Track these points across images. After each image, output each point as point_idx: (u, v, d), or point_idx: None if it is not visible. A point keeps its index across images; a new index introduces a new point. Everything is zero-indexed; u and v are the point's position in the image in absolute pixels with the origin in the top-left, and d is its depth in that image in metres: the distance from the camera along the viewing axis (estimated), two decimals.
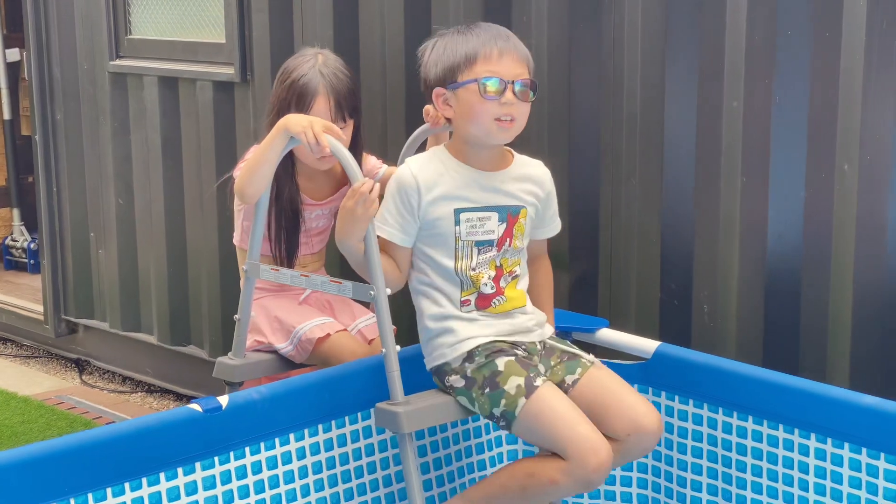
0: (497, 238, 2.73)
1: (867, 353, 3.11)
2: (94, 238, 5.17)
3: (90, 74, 5.03)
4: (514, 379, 2.62)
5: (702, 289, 3.40)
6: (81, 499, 2.32)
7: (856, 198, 3.08)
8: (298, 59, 3.06)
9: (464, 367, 2.67)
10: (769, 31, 3.17)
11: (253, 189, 2.78)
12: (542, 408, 2.60)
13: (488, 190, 2.75)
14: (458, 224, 2.69)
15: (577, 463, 2.55)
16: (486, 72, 2.69)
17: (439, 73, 2.74)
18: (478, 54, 2.71)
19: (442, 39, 2.79)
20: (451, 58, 2.73)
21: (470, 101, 2.69)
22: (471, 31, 2.76)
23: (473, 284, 2.71)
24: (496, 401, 2.62)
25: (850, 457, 2.62)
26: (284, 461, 2.61)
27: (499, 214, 2.74)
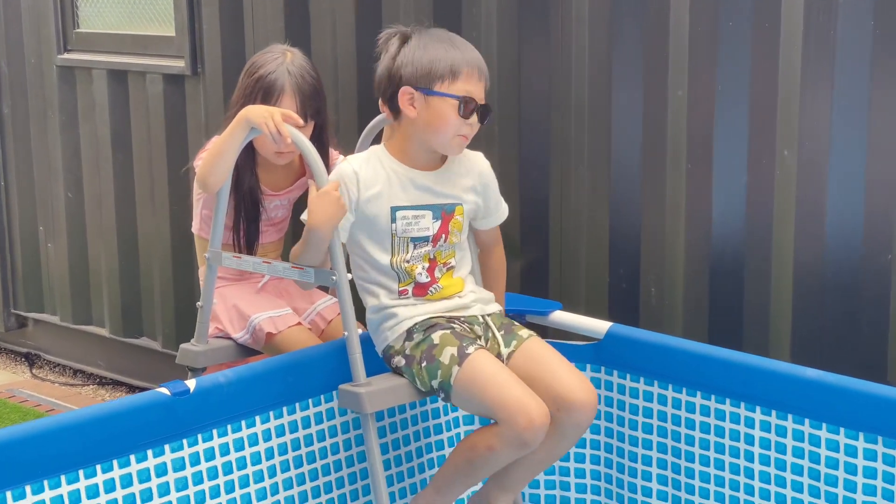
0: (432, 235, 2.82)
1: (807, 331, 3.24)
2: (44, 232, 5.18)
3: (37, 68, 5.03)
4: (448, 349, 2.71)
5: (649, 272, 3.50)
6: (54, 481, 2.36)
7: (795, 183, 3.20)
8: (267, 55, 3.10)
9: (404, 346, 2.76)
10: (711, 23, 3.28)
11: (214, 178, 2.84)
12: (475, 374, 2.67)
13: (424, 189, 2.83)
14: (395, 221, 2.78)
15: (508, 424, 2.62)
16: (465, 91, 2.78)
17: (414, 73, 2.78)
18: (461, 71, 2.78)
19: (419, 39, 2.82)
20: (433, 64, 2.77)
21: (443, 112, 2.77)
22: (451, 41, 2.82)
23: (409, 276, 2.80)
24: (433, 373, 2.71)
25: (794, 427, 2.74)
26: (251, 443, 2.68)
27: (433, 213, 2.82)
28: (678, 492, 2.96)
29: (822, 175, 3.16)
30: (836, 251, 3.17)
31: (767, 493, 2.80)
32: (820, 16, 3.10)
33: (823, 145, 3.14)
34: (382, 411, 2.94)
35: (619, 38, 3.45)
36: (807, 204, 3.20)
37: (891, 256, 3.09)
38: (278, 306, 3.13)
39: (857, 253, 3.15)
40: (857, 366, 3.13)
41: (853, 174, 3.12)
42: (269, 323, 3.06)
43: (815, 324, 3.23)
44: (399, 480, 3.00)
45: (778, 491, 2.79)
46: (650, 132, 3.45)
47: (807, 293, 3.23)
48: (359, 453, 2.87)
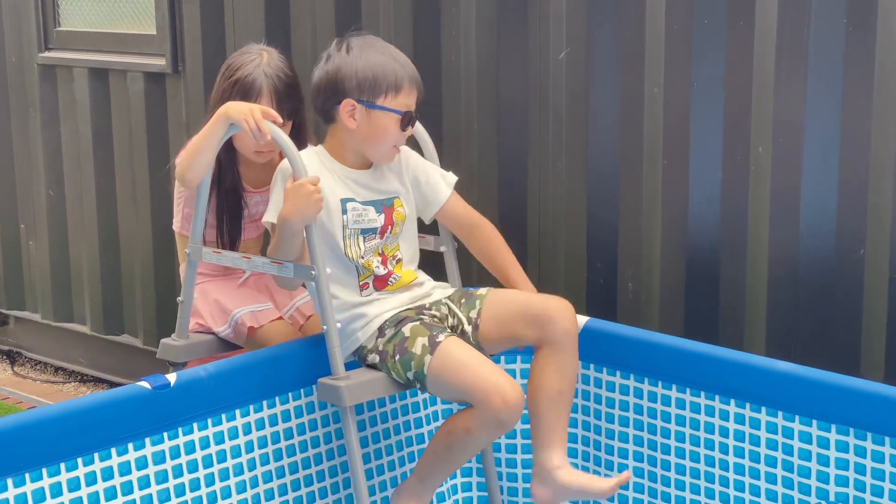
0: (380, 226, 2.87)
1: (781, 324, 3.28)
2: (25, 230, 5.19)
3: (18, 66, 5.04)
4: (419, 340, 2.75)
5: (626, 267, 3.54)
6: (36, 473, 2.39)
7: (769, 178, 3.24)
8: (243, 56, 3.12)
9: (377, 344, 2.80)
10: (687, 20, 3.32)
11: (193, 174, 2.87)
12: (447, 361, 2.71)
13: (363, 186, 2.88)
14: (345, 213, 2.82)
15: (484, 406, 2.65)
16: (405, 105, 2.84)
17: (358, 86, 2.81)
18: (403, 86, 2.83)
19: (360, 51, 2.85)
20: (376, 78, 2.81)
21: (385, 126, 2.82)
22: (391, 53, 2.86)
23: (367, 269, 2.84)
24: (407, 365, 2.74)
25: (768, 420, 2.78)
26: (231, 436, 2.70)
27: (375, 208, 2.88)
28: (655, 484, 3.00)
29: (795, 171, 3.20)
30: (809, 246, 3.21)
31: (742, 484, 2.84)
32: (793, 13, 3.14)
33: (797, 141, 3.19)
34: (362, 405, 2.97)
35: (596, 36, 3.48)
36: (781, 199, 3.24)
37: (863, 251, 3.13)
38: (259, 301, 3.15)
39: (830, 248, 3.19)
40: (831, 359, 3.17)
41: (826, 170, 3.16)
42: (250, 317, 3.08)
43: (789, 317, 3.27)
44: (379, 473, 3.03)
45: (752, 483, 2.83)
46: (627, 129, 3.48)
47: (781, 287, 3.27)
48: (339, 447, 2.90)
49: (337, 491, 2.91)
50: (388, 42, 3.76)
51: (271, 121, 2.75)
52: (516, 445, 3.19)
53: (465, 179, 3.77)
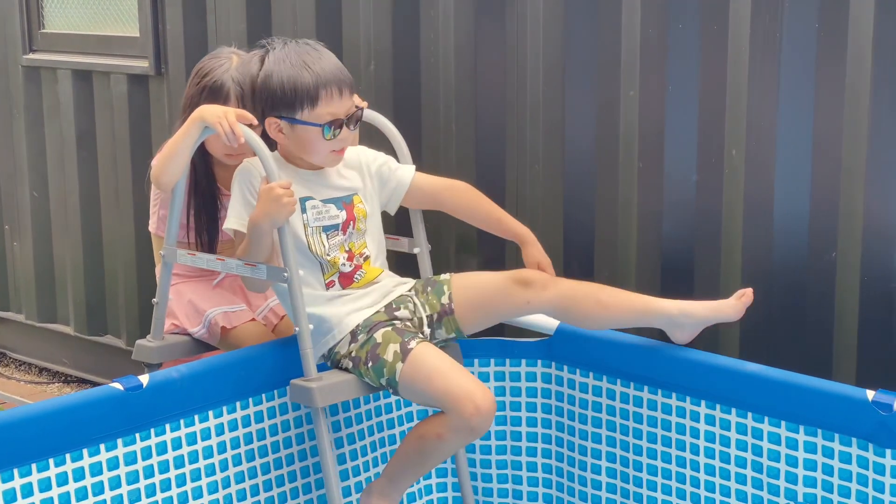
0: (342, 222, 2.87)
1: (755, 327, 3.30)
2: (9, 230, 5.20)
3: (3, 68, 5.06)
4: (392, 346, 2.76)
5: (602, 268, 3.56)
6: (6, 474, 2.40)
7: (743, 180, 3.27)
8: (213, 60, 3.13)
9: (350, 349, 2.81)
10: (662, 25, 3.34)
11: (168, 177, 2.88)
12: (419, 367, 2.72)
13: (321, 185, 2.87)
14: (305, 212, 2.82)
15: (455, 413, 2.67)
16: (327, 115, 2.77)
17: (274, 103, 2.77)
18: (319, 96, 2.75)
19: (273, 65, 2.77)
20: (289, 92, 2.75)
21: (309, 139, 2.79)
22: (304, 61, 2.77)
23: (333, 266, 2.84)
24: (380, 371, 2.76)
25: (737, 421, 2.80)
26: (204, 437, 2.72)
27: (335, 205, 2.87)
28: (626, 484, 3.02)
29: (768, 174, 3.23)
30: (782, 248, 3.24)
31: (712, 485, 2.87)
32: (766, 18, 3.16)
33: (769, 143, 3.21)
34: (336, 407, 2.99)
35: (572, 40, 3.51)
36: (754, 202, 3.26)
37: (835, 253, 3.15)
38: (233, 302, 3.17)
39: (803, 250, 3.21)
40: (804, 361, 3.19)
41: (798, 173, 3.18)
42: (223, 318, 3.10)
43: (763, 320, 3.29)
44: (355, 474, 3.05)
45: (722, 483, 2.85)
46: (603, 132, 3.50)
47: (754, 289, 3.28)
48: (312, 447, 2.92)
49: (309, 491, 2.93)
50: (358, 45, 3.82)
51: (246, 123, 2.76)
52: (490, 447, 3.21)
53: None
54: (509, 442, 3.19)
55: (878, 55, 3.01)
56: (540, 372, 3.14)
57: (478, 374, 3.15)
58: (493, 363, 3.16)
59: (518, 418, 3.18)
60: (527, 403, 3.17)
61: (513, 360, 3.15)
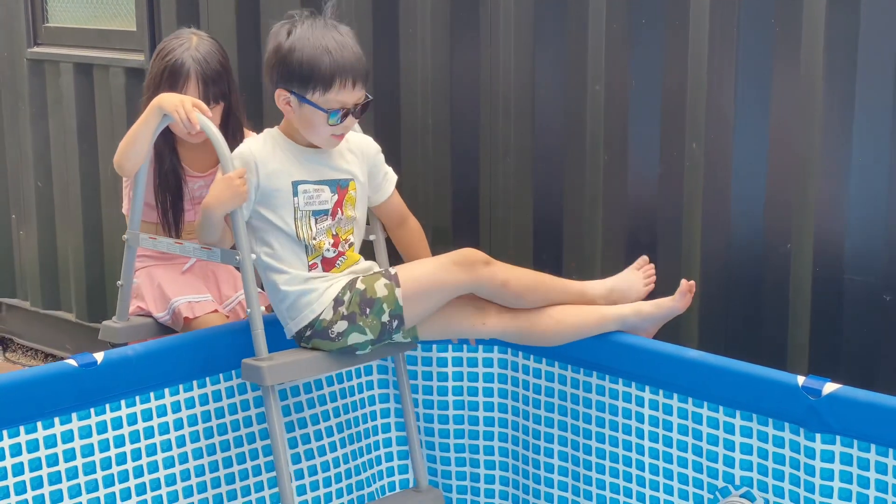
0: (331, 208, 2.94)
1: (714, 317, 3.37)
2: (16, 219, 5.35)
3: (9, 61, 5.21)
4: (377, 283, 2.88)
5: (570, 258, 3.64)
6: None
7: (702, 173, 3.34)
8: (174, 40, 3.22)
9: (339, 311, 2.88)
10: (626, 21, 3.42)
11: (130, 163, 2.99)
12: (411, 281, 2.89)
13: (319, 165, 2.95)
14: (297, 195, 2.89)
15: (474, 276, 2.92)
16: (336, 102, 2.84)
17: (290, 77, 2.84)
18: (334, 83, 2.82)
19: (299, 39, 2.84)
20: (306, 72, 2.82)
21: (313, 120, 2.87)
22: (327, 45, 2.83)
23: (317, 250, 2.92)
24: (380, 311, 2.87)
25: (679, 406, 2.87)
26: (159, 414, 2.82)
27: (329, 187, 2.95)
28: (577, 467, 3.10)
29: (726, 167, 3.29)
30: (740, 240, 3.30)
31: (656, 468, 2.94)
32: (723, 14, 3.23)
33: (727, 137, 3.28)
34: (297, 388, 3.09)
35: (542, 37, 3.59)
36: (713, 195, 3.33)
37: (790, 245, 3.21)
38: (200, 291, 3.26)
39: (759, 243, 3.28)
40: (761, 351, 3.26)
41: (755, 166, 3.25)
42: (187, 308, 3.19)
43: (721, 310, 3.36)
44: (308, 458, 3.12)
45: (665, 466, 2.92)
46: (570, 125, 3.58)
47: (713, 281, 3.36)
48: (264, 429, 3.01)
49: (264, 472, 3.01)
50: None
51: (201, 112, 2.86)
52: (448, 430, 3.29)
53: (421, 172, 3.90)
54: (467, 426, 3.28)
55: (830, 50, 3.07)
56: (496, 358, 3.22)
57: (436, 360, 3.24)
58: (451, 349, 3.24)
59: (475, 403, 3.26)
60: (484, 388, 3.25)
61: (470, 346, 3.23)
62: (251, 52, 4.29)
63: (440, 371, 3.23)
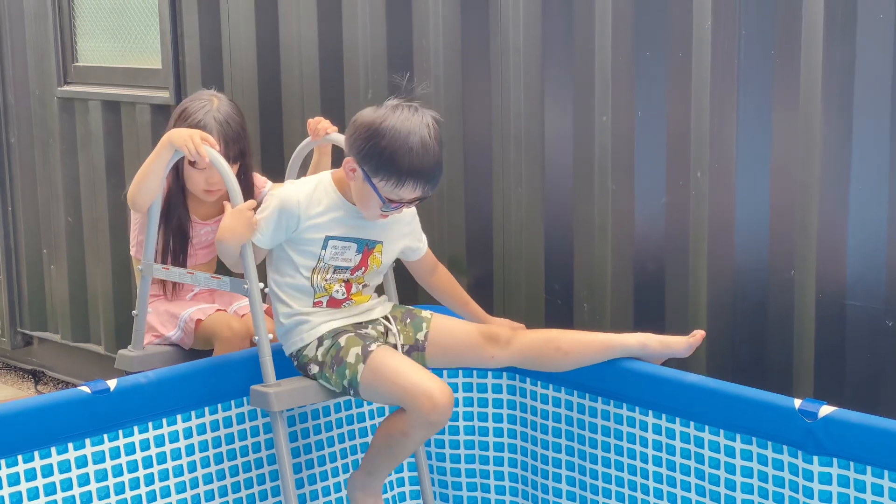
0: (352, 266, 3.01)
1: (721, 344, 3.41)
2: (47, 254, 5.47)
3: (41, 99, 5.34)
4: (353, 350, 2.92)
5: (581, 287, 3.70)
6: None
7: (707, 201, 3.39)
8: (195, 102, 3.35)
9: (317, 354, 2.96)
10: (630, 53, 3.48)
11: (142, 199, 3.10)
12: (378, 368, 2.88)
13: (357, 223, 2.99)
14: (325, 248, 2.96)
15: (415, 410, 2.82)
16: (398, 197, 2.87)
17: (368, 156, 2.85)
18: (404, 183, 2.84)
19: (397, 123, 2.84)
20: (384, 160, 2.83)
21: (369, 198, 2.90)
22: (412, 147, 2.82)
23: (325, 291, 3.00)
24: (342, 374, 2.92)
25: (681, 430, 2.92)
26: (171, 439, 2.91)
27: (357, 245, 3.01)
28: (584, 492, 3.15)
29: (729, 195, 3.34)
30: (744, 268, 3.35)
31: (660, 492, 2.98)
32: (725, 47, 3.29)
33: (730, 166, 3.33)
34: (305, 415, 3.16)
35: (550, 70, 3.66)
36: (718, 223, 3.38)
37: (793, 272, 3.26)
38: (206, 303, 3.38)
39: (763, 269, 3.32)
40: (766, 377, 3.30)
41: (757, 194, 3.29)
42: (197, 312, 3.31)
43: (728, 337, 3.40)
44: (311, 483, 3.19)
45: (669, 490, 2.96)
46: (579, 156, 3.65)
47: (720, 308, 3.41)
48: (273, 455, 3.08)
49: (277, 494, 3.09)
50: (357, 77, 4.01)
51: (209, 146, 2.96)
52: (459, 456, 3.35)
53: (436, 205, 3.97)
54: (477, 451, 3.34)
55: (828, 82, 3.12)
56: (505, 384, 3.28)
57: None
58: (462, 374, 3.30)
59: (485, 429, 3.32)
60: (493, 414, 3.31)
61: (480, 372, 3.29)
62: (272, 91, 4.39)
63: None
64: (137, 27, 4.94)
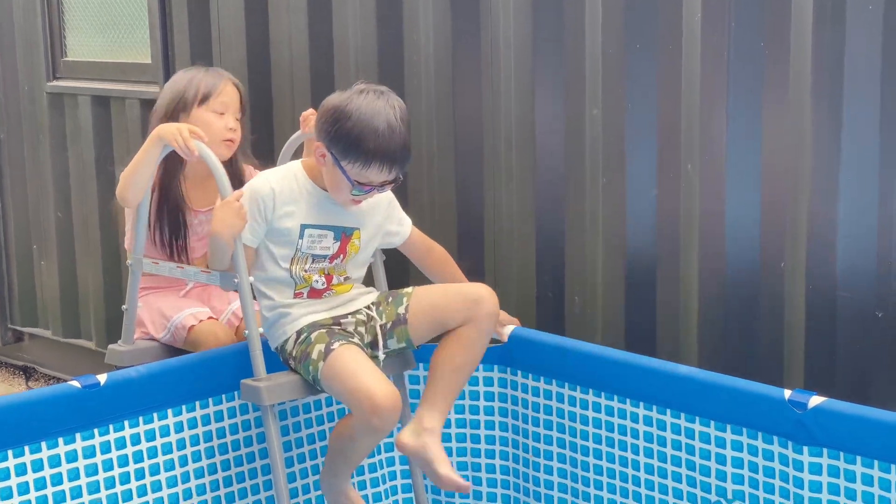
0: (331, 254, 3.00)
1: (712, 335, 3.41)
2: (37, 250, 5.46)
3: (30, 95, 5.33)
4: (318, 346, 2.91)
5: (573, 282, 3.69)
6: None
7: (698, 194, 3.39)
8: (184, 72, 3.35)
9: (294, 348, 2.96)
10: (621, 46, 3.48)
11: (132, 194, 3.09)
12: (334, 367, 2.86)
13: (332, 210, 2.99)
14: (302, 238, 2.95)
15: (358, 411, 2.81)
16: (367, 180, 2.86)
17: (336, 139, 2.85)
18: (371, 164, 2.83)
19: (361, 107, 2.83)
20: (350, 143, 2.82)
21: (339, 182, 2.89)
22: (377, 127, 2.82)
23: (306, 282, 3.00)
24: (307, 369, 2.92)
25: (672, 422, 2.92)
26: (162, 434, 2.90)
27: (334, 233, 3.00)
28: (576, 484, 3.15)
29: (720, 187, 3.34)
30: (735, 260, 3.35)
31: (652, 483, 2.99)
32: (714, 38, 3.29)
33: (720, 158, 3.33)
34: (297, 408, 3.16)
35: (540, 64, 3.66)
36: (709, 216, 3.38)
37: (784, 264, 3.26)
38: (196, 306, 3.36)
39: (754, 262, 3.32)
40: (758, 367, 3.30)
41: (748, 186, 3.29)
42: (189, 318, 3.29)
43: (719, 328, 3.40)
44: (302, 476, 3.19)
45: (661, 482, 2.97)
46: (570, 149, 3.65)
47: (711, 300, 3.41)
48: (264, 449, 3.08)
49: (269, 489, 3.08)
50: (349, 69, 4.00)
51: (197, 139, 2.96)
52: (451, 449, 3.35)
53: (427, 201, 3.97)
54: (469, 444, 3.34)
55: (817, 72, 3.12)
56: (496, 377, 3.28)
57: None
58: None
59: (476, 421, 3.32)
60: (484, 407, 3.31)
61: None
62: (262, 85, 4.39)
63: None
64: (127, 22, 4.92)
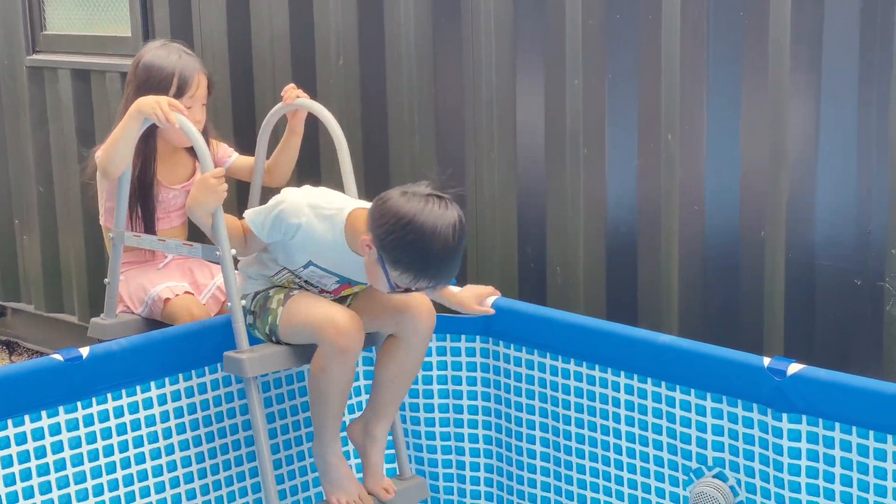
0: (328, 289, 3.00)
1: (692, 304, 3.43)
2: (19, 225, 5.45)
3: (10, 69, 5.30)
4: (277, 297, 2.93)
5: (554, 252, 3.71)
6: None
7: (679, 163, 3.40)
8: (160, 50, 3.33)
9: (253, 304, 2.96)
10: (601, 16, 3.48)
11: (114, 166, 3.09)
12: (293, 309, 2.89)
13: (346, 265, 2.93)
14: (306, 268, 2.94)
15: (322, 339, 2.83)
16: (404, 286, 2.77)
17: (384, 244, 2.73)
18: (419, 282, 2.74)
19: (420, 229, 2.69)
20: (402, 257, 2.72)
21: (377, 278, 2.80)
22: (435, 249, 2.71)
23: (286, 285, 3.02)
24: (266, 320, 2.93)
25: (652, 390, 2.94)
26: (145, 406, 2.90)
27: (339, 279, 2.98)
28: (557, 452, 3.17)
29: (700, 157, 3.36)
30: (715, 229, 3.37)
31: (633, 451, 3.01)
32: (694, 9, 3.29)
33: (700, 128, 3.34)
34: (280, 380, 3.17)
35: (521, 34, 3.66)
36: (688, 185, 3.39)
37: (764, 233, 3.28)
38: (176, 280, 3.37)
39: (734, 231, 3.34)
40: (738, 335, 3.32)
41: (728, 156, 3.31)
42: (165, 290, 3.30)
43: (699, 297, 3.43)
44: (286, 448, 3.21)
45: (641, 449, 2.99)
46: (551, 119, 3.65)
47: (691, 269, 3.43)
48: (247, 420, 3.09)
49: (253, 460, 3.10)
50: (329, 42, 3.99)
51: (176, 111, 2.96)
52: (434, 419, 3.37)
53: (408, 173, 3.97)
54: (452, 414, 3.35)
55: (796, 43, 3.13)
56: (478, 347, 3.30)
57: None
58: (435, 339, 3.30)
59: (459, 392, 3.34)
60: (467, 377, 3.32)
61: (453, 335, 3.30)
62: (243, 57, 4.38)
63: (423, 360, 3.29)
64: None
